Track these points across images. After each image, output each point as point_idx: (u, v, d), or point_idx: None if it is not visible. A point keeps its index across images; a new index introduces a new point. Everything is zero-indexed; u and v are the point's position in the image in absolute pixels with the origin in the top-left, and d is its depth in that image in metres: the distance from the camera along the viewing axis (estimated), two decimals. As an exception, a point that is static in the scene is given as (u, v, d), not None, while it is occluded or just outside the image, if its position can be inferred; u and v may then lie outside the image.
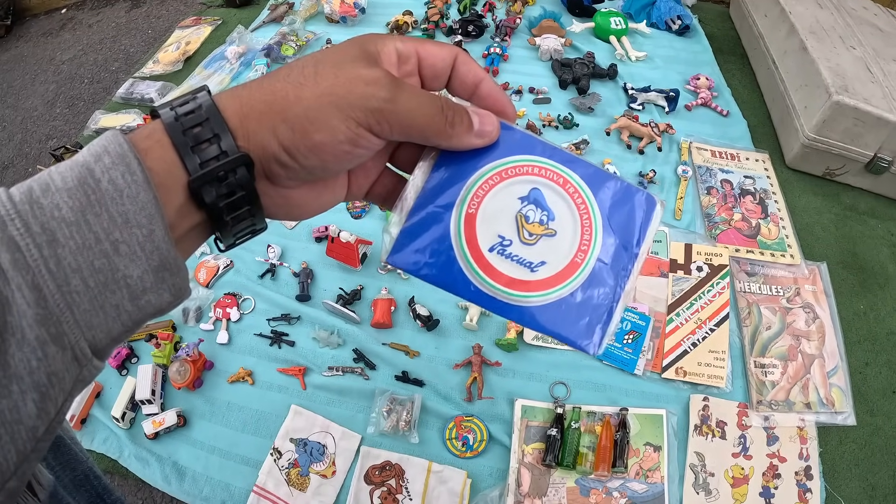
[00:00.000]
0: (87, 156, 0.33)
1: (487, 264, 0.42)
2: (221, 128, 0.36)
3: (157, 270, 0.34)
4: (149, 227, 0.33)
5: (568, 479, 1.15)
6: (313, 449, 1.20)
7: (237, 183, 0.36)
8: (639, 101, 1.81)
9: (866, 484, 1.18)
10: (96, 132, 1.92)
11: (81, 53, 3.15)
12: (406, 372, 1.28)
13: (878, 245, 1.56)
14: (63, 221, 0.31)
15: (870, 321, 1.40)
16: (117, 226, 0.32)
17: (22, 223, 0.31)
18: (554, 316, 0.42)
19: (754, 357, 1.29)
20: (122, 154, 0.33)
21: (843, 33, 1.77)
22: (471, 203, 0.42)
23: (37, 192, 0.32)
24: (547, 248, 0.42)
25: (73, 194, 0.32)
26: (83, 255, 0.32)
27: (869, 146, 1.56)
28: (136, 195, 0.33)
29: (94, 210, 0.32)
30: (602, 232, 0.43)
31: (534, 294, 0.42)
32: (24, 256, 0.30)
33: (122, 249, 0.33)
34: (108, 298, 0.33)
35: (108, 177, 0.32)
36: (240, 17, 2.36)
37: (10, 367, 0.30)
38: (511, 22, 2.07)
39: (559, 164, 0.44)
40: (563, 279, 0.42)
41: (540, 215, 0.43)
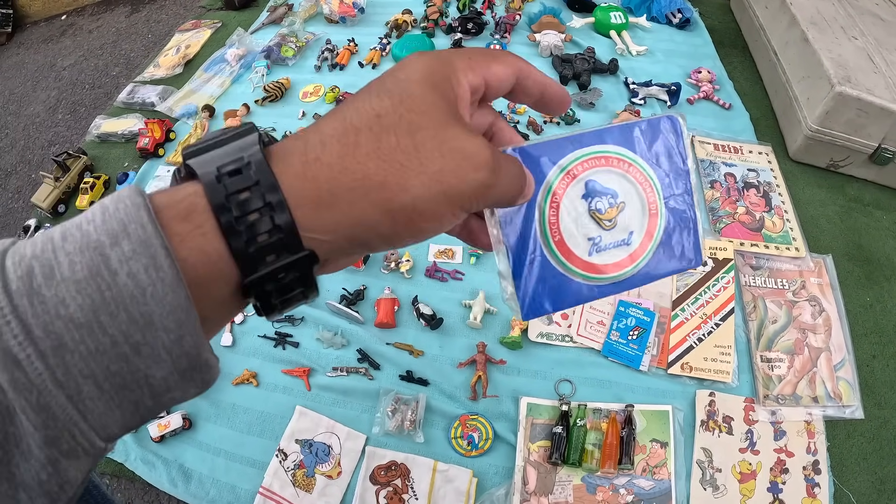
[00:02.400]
0: (102, 233, 0.28)
1: (595, 266, 0.45)
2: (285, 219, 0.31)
3: (185, 372, 0.30)
4: (177, 332, 0.28)
5: (574, 477, 1.14)
6: (318, 450, 1.20)
7: (297, 280, 0.32)
8: (640, 96, 1.80)
9: (875, 478, 1.16)
10: (98, 137, 1.92)
11: (82, 59, 3.16)
12: (410, 371, 1.28)
13: (884, 236, 1.54)
14: (71, 322, 0.27)
15: (876, 313, 1.39)
16: (139, 328, 0.27)
17: (21, 327, 0.26)
18: (661, 263, 0.46)
19: (760, 351, 1.28)
20: (146, 241, 0.28)
21: (844, 23, 1.76)
22: (552, 233, 0.44)
23: (38, 277, 0.27)
24: (626, 220, 0.45)
25: (82, 289, 0.27)
26: (96, 361, 0.27)
27: (872, 137, 1.54)
28: (163, 296, 0.28)
29: (108, 310, 0.27)
30: (655, 175, 0.46)
31: (641, 260, 0.46)
32: (26, 373, 0.26)
33: (144, 351, 0.28)
34: (126, 397, 0.29)
35: (128, 269, 0.27)
36: (239, 20, 2.36)
37: (16, 477, 0.27)
38: (510, 18, 2.07)
39: (592, 147, 0.45)
40: (653, 232, 0.46)
41: (607, 201, 0.45)
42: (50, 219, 1.72)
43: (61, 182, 1.74)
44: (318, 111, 1.86)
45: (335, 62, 2.02)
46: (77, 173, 1.78)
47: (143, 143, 1.78)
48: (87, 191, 1.72)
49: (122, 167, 1.82)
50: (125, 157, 1.86)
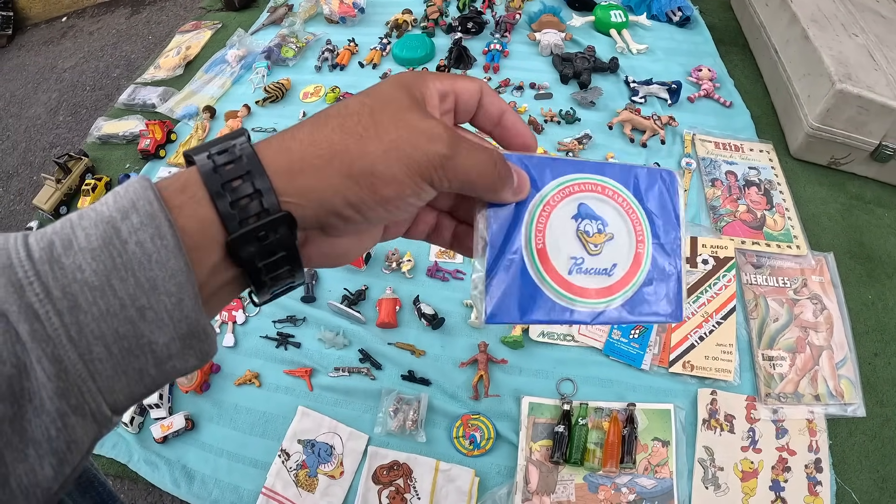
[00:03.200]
0: (114, 210, 0.31)
1: (573, 286, 0.45)
2: (264, 183, 0.34)
3: (185, 338, 0.32)
4: (178, 295, 0.31)
5: (576, 476, 1.14)
6: (321, 450, 1.20)
7: (277, 242, 0.35)
8: (641, 94, 1.80)
9: (877, 475, 1.17)
10: (99, 139, 1.92)
11: (83, 61, 3.16)
12: (412, 371, 1.28)
13: (885, 234, 1.55)
14: (86, 285, 0.30)
15: (878, 311, 1.39)
16: (144, 292, 0.31)
17: (41, 287, 0.29)
18: (641, 304, 0.46)
19: (762, 349, 1.28)
20: (152, 214, 0.31)
21: (845, 21, 1.76)
22: (536, 240, 0.45)
23: (58, 248, 0.30)
24: (612, 250, 0.46)
25: (97, 255, 0.30)
26: (107, 322, 0.30)
27: (874, 134, 1.54)
28: (166, 261, 0.31)
29: (119, 274, 0.30)
30: (647, 219, 0.47)
31: (618, 294, 0.46)
32: (44, 326, 0.29)
33: (149, 316, 0.31)
34: (131, 363, 0.31)
35: (136, 238, 0.30)
36: (239, 21, 2.36)
37: (28, 432, 0.29)
38: (510, 17, 2.07)
39: (591, 175, 0.47)
40: (636, 271, 0.46)
41: (596, 226, 0.46)
42: (52, 221, 1.72)
43: (63, 184, 1.74)
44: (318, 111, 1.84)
45: (335, 62, 2.02)
46: (78, 175, 1.79)
47: (145, 144, 1.78)
48: (89, 192, 1.72)
49: (124, 168, 1.82)
50: (126, 159, 1.86)
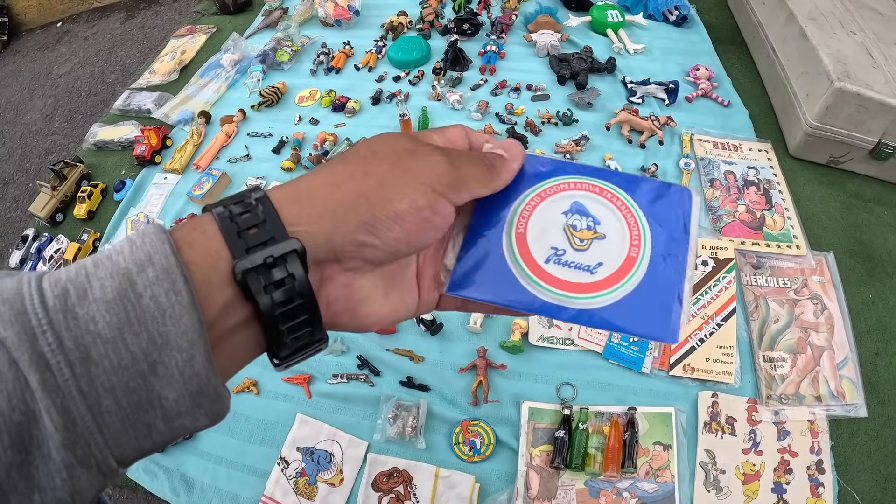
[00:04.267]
0: (130, 262, 0.32)
1: (547, 274, 0.44)
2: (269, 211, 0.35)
3: (195, 396, 0.32)
4: (189, 351, 0.31)
5: (577, 481, 1.14)
6: (320, 457, 1.19)
7: (289, 276, 0.35)
8: (638, 95, 1.80)
9: (879, 476, 1.16)
10: (95, 145, 1.92)
11: (78, 66, 3.16)
12: (411, 377, 1.27)
13: (886, 232, 1.54)
14: (98, 337, 0.30)
15: (879, 310, 1.38)
16: (156, 347, 0.31)
17: (54, 337, 0.29)
18: (625, 312, 0.43)
19: (763, 351, 1.27)
20: (168, 269, 0.31)
21: (842, 18, 1.75)
22: (518, 224, 0.44)
23: (72, 297, 0.30)
24: (600, 250, 0.44)
25: (111, 308, 0.30)
26: (117, 375, 0.30)
27: (873, 132, 1.54)
28: (180, 317, 0.31)
29: (132, 328, 0.30)
30: (649, 227, 0.45)
31: (599, 294, 0.43)
32: (55, 376, 0.29)
33: (160, 371, 0.31)
34: (140, 418, 0.31)
35: (151, 293, 0.31)
36: (234, 24, 2.35)
37: (34, 479, 0.29)
38: (506, 19, 2.06)
39: (593, 178, 0.47)
40: (624, 275, 0.43)
41: (586, 222, 0.45)
42: (48, 228, 1.72)
43: (59, 191, 1.73)
44: (314, 115, 1.85)
45: (331, 66, 2.01)
46: (74, 182, 1.78)
47: (140, 150, 1.77)
48: (85, 199, 1.71)
49: (119, 175, 1.82)
50: (122, 165, 1.85)
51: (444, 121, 1.79)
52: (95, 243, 1.63)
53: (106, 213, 1.73)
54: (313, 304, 0.36)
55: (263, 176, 1.70)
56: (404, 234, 0.38)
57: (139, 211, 1.67)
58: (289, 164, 1.68)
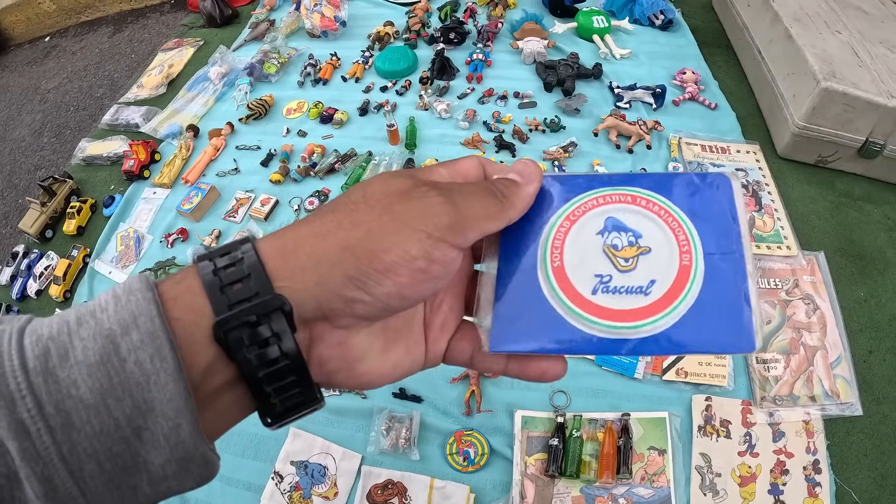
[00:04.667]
0: (114, 322, 0.30)
1: (598, 307, 0.39)
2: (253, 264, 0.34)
3: (182, 461, 0.32)
4: (175, 419, 0.30)
5: (573, 489, 1.13)
6: (314, 471, 1.19)
7: (273, 334, 0.33)
8: (625, 100, 1.80)
9: (876, 473, 1.16)
10: (83, 160, 1.92)
11: (66, 81, 3.16)
12: (403, 389, 1.27)
13: (876, 230, 1.55)
14: (81, 402, 0.29)
15: (871, 308, 1.39)
16: (141, 413, 0.30)
17: (34, 402, 0.28)
18: (693, 329, 0.38)
19: (756, 353, 1.27)
20: (153, 333, 0.30)
21: (827, 18, 1.76)
22: (552, 257, 0.40)
23: (53, 358, 0.29)
24: (648, 266, 0.39)
25: (93, 372, 0.29)
26: (100, 441, 0.29)
27: (860, 131, 1.54)
28: (165, 385, 0.30)
29: (115, 394, 0.29)
30: (694, 227, 0.40)
31: (660, 316, 0.38)
32: (34, 444, 0.28)
33: (145, 436, 0.30)
34: (124, 481, 0.31)
35: (136, 357, 0.30)
36: (221, 37, 2.35)
37: None
38: (492, 27, 2.07)
39: (620, 186, 0.42)
40: (681, 288, 0.38)
41: (627, 238, 0.40)
42: (38, 244, 1.71)
43: (48, 207, 1.73)
44: (301, 127, 1.85)
45: (318, 77, 2.01)
46: (63, 198, 1.78)
47: (129, 165, 1.77)
48: (74, 215, 1.71)
49: (109, 190, 1.82)
50: (111, 180, 1.85)
51: (431, 130, 1.79)
52: (85, 259, 1.63)
53: (95, 228, 1.72)
54: (301, 364, 0.34)
55: (252, 189, 1.69)
56: (396, 288, 0.35)
57: (129, 226, 1.67)
58: (277, 176, 1.68)
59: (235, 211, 1.63)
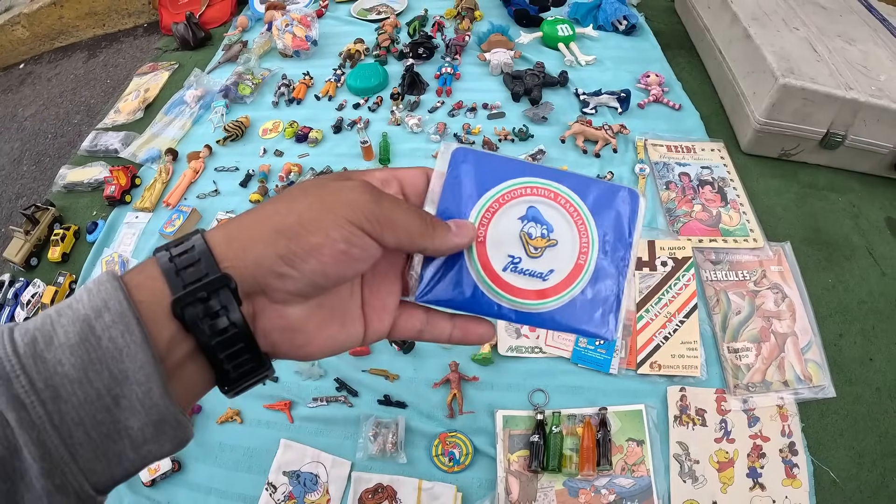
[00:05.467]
0: (88, 308, 0.35)
1: (505, 283, 0.47)
2: (203, 252, 0.39)
3: (157, 424, 0.36)
4: (147, 384, 0.35)
5: (556, 483, 1.16)
6: (306, 479, 1.21)
7: (222, 307, 0.38)
8: (591, 106, 1.83)
9: (853, 452, 1.20)
10: (64, 187, 1.93)
11: (43, 108, 3.15)
12: (388, 395, 1.29)
13: (841, 218, 1.59)
14: (66, 377, 0.34)
15: (839, 293, 1.43)
16: (118, 382, 0.34)
17: (27, 380, 0.33)
18: (571, 314, 0.47)
19: (727, 343, 1.31)
20: (122, 312, 0.35)
21: (785, 15, 1.80)
22: (478, 232, 0.47)
23: (40, 344, 0.34)
24: (552, 257, 0.48)
25: (75, 351, 0.34)
26: (85, 410, 0.34)
27: (821, 123, 1.59)
28: (135, 354, 0.35)
29: (95, 367, 0.34)
30: (597, 232, 0.49)
31: (550, 300, 0.47)
32: (30, 414, 0.33)
33: (123, 403, 0.35)
34: (110, 447, 0.35)
35: (109, 335, 0.34)
36: (196, 60, 2.37)
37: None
38: (460, 40, 2.10)
39: (547, 181, 0.49)
40: (572, 281, 0.47)
41: (540, 230, 0.48)
42: (23, 273, 1.72)
43: (32, 235, 1.74)
44: (278, 147, 1.87)
45: (292, 97, 2.04)
46: (46, 225, 1.78)
47: (110, 191, 1.78)
48: (59, 242, 1.72)
49: (91, 216, 1.83)
50: (93, 206, 1.87)
51: (404, 145, 1.82)
52: (72, 286, 1.64)
53: (80, 255, 1.73)
54: (248, 333, 0.39)
55: (233, 210, 1.71)
56: (321, 266, 0.40)
57: (113, 251, 1.68)
58: (257, 196, 1.70)
59: (217, 231, 1.64)
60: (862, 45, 1.72)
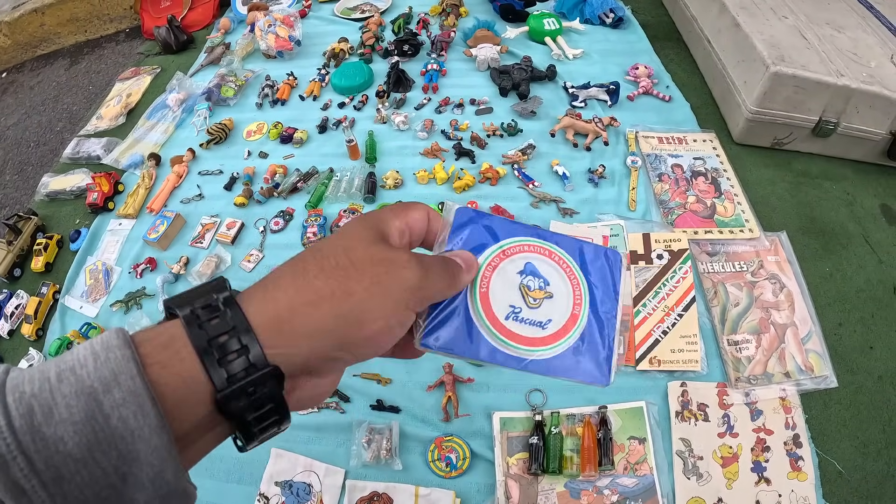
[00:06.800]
0: (95, 380, 0.32)
1: (508, 330, 0.49)
2: (250, 339, 0.36)
3: (164, 497, 0.33)
4: (160, 467, 0.32)
5: (557, 485, 1.14)
6: (299, 489, 1.19)
7: (267, 396, 0.36)
8: (580, 99, 1.82)
9: (857, 442, 1.18)
10: (47, 196, 1.90)
11: (25, 117, 3.12)
12: (381, 400, 1.27)
13: (836, 206, 1.58)
14: (69, 457, 0.30)
15: (837, 282, 1.42)
16: (126, 462, 0.32)
17: (25, 461, 0.30)
18: (567, 363, 0.50)
19: (726, 335, 1.29)
20: (135, 391, 0.32)
21: (773, 4, 1.80)
22: (482, 284, 0.49)
23: (38, 416, 0.31)
24: (550, 307, 0.51)
25: (79, 429, 0.31)
26: (90, 488, 0.31)
27: (812, 111, 1.58)
28: (149, 438, 0.32)
29: (102, 448, 0.31)
30: (588, 287, 0.53)
31: (548, 347, 0.49)
32: (31, 500, 0.30)
33: (130, 480, 0.32)
34: None
35: (119, 414, 0.31)
36: (178, 63, 2.35)
37: None
38: (446, 36, 2.08)
39: (542, 241, 0.53)
40: (569, 330, 0.50)
41: (538, 283, 0.51)
42: (7, 284, 1.69)
43: (14, 246, 1.71)
44: (262, 149, 1.85)
45: (276, 98, 2.01)
46: (29, 235, 1.76)
47: (93, 198, 1.75)
48: (41, 252, 1.69)
49: (74, 224, 1.80)
50: (76, 214, 1.84)
51: (390, 143, 1.80)
52: (55, 295, 1.61)
53: (63, 264, 1.70)
54: (286, 412, 0.38)
55: (217, 213, 1.69)
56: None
57: (96, 259, 1.65)
58: (241, 199, 1.68)
59: (202, 237, 1.62)
60: (851, 32, 1.71)
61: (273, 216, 1.64)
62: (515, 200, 1.59)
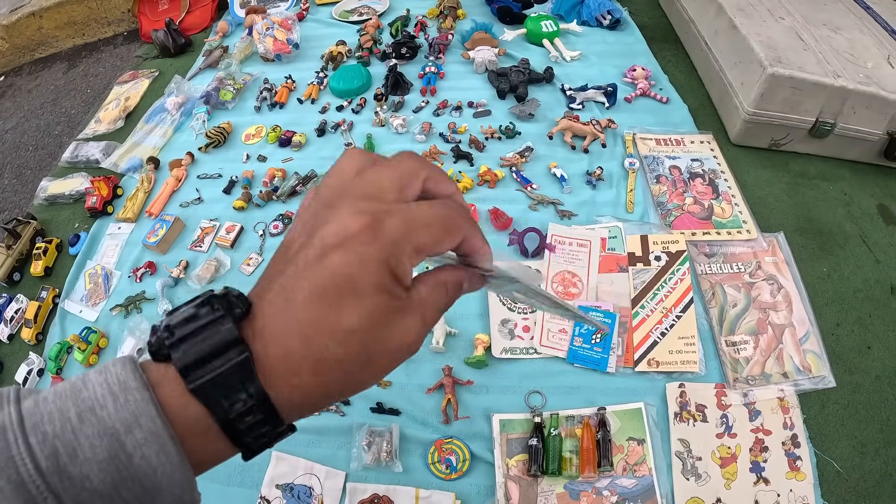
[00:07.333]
0: (116, 420, 0.34)
1: None
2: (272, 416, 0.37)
3: None
4: (180, 497, 0.35)
5: (556, 486, 1.15)
6: (300, 492, 1.19)
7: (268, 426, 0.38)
8: (578, 101, 1.82)
9: (856, 442, 1.19)
10: (46, 200, 1.90)
11: (24, 121, 3.12)
12: (381, 403, 1.27)
13: (833, 206, 1.58)
14: (96, 493, 0.33)
15: (835, 282, 1.42)
16: (149, 494, 0.34)
17: (55, 501, 0.32)
18: None
19: (724, 336, 1.30)
20: (155, 432, 0.34)
21: (770, 5, 1.80)
22: None
23: (63, 457, 0.33)
24: None
25: (104, 468, 0.33)
26: None
27: (810, 112, 1.58)
28: (171, 474, 0.34)
29: (126, 484, 0.33)
30: None
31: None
32: None
33: None
34: None
35: (141, 453, 0.34)
36: (176, 67, 2.34)
37: None
38: (443, 39, 2.08)
39: None
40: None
41: None
42: (6, 288, 1.69)
43: (14, 250, 1.71)
44: (261, 152, 1.85)
45: (274, 101, 2.01)
46: (28, 239, 1.75)
47: (91, 202, 1.75)
48: (41, 256, 1.69)
49: (73, 228, 1.80)
50: (75, 218, 1.84)
51: (389, 146, 1.80)
52: (55, 300, 1.61)
53: (63, 268, 1.70)
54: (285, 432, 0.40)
55: (217, 217, 1.69)
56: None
57: (96, 263, 1.65)
58: (240, 203, 1.68)
59: (201, 240, 1.63)
60: (847, 33, 1.71)
61: (272, 220, 1.64)
62: (514, 203, 1.59)
